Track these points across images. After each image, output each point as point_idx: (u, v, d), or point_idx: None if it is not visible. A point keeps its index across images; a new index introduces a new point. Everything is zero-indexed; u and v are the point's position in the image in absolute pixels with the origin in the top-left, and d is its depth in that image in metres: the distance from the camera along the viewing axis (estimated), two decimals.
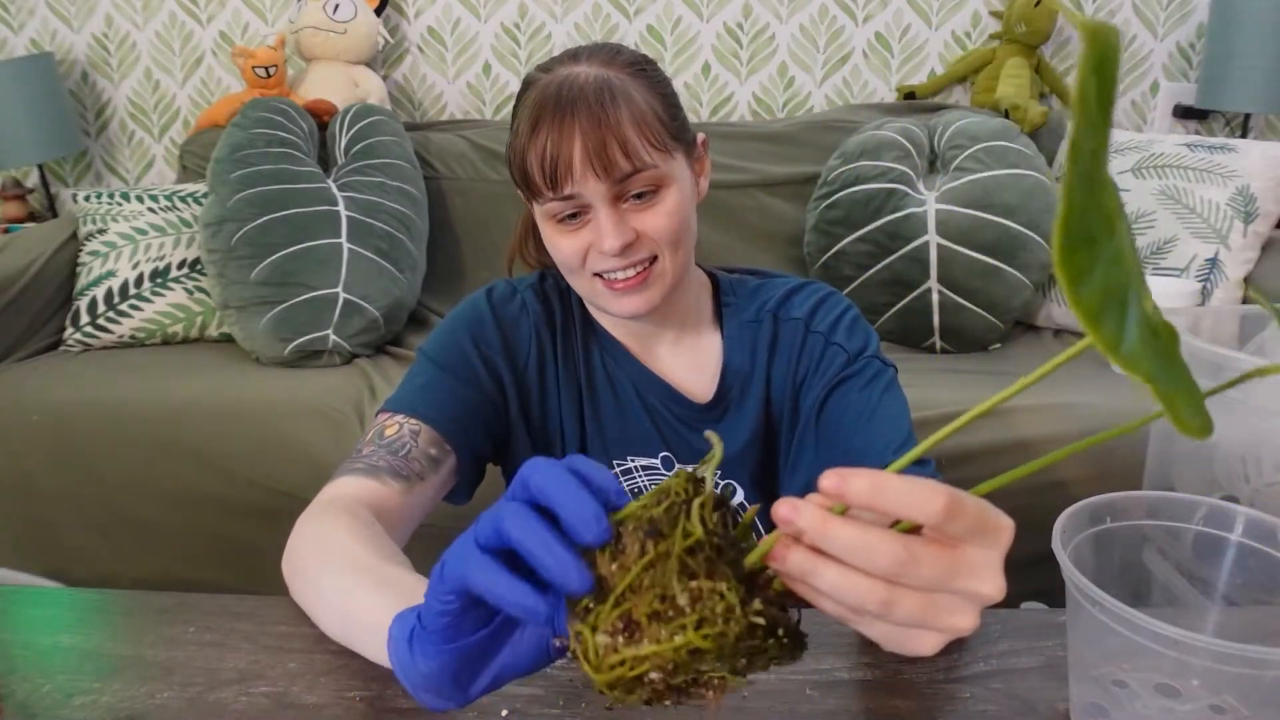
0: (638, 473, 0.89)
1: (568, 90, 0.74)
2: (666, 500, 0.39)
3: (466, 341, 0.85)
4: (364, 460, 0.76)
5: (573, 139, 0.73)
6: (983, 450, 1.50)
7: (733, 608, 0.37)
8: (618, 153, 0.73)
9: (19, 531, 1.73)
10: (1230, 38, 2.11)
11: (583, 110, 0.73)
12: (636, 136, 0.74)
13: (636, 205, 0.77)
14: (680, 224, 0.78)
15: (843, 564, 0.37)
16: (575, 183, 0.74)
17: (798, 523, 0.38)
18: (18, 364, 1.89)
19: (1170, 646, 0.44)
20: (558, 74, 0.76)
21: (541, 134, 0.74)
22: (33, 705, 0.61)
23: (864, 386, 0.81)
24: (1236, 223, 1.86)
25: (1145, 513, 0.57)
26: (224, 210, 1.91)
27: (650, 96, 0.77)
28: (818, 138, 2.19)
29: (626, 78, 0.76)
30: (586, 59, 0.77)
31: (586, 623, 0.38)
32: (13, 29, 2.50)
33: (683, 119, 0.81)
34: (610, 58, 0.78)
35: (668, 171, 0.77)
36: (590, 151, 0.73)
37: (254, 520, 1.62)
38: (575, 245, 0.78)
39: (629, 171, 0.74)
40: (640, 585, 0.37)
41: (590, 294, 0.82)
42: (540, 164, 0.74)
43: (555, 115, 0.74)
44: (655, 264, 0.79)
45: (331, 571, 0.63)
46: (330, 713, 0.60)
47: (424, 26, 2.45)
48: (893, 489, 0.36)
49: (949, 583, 0.38)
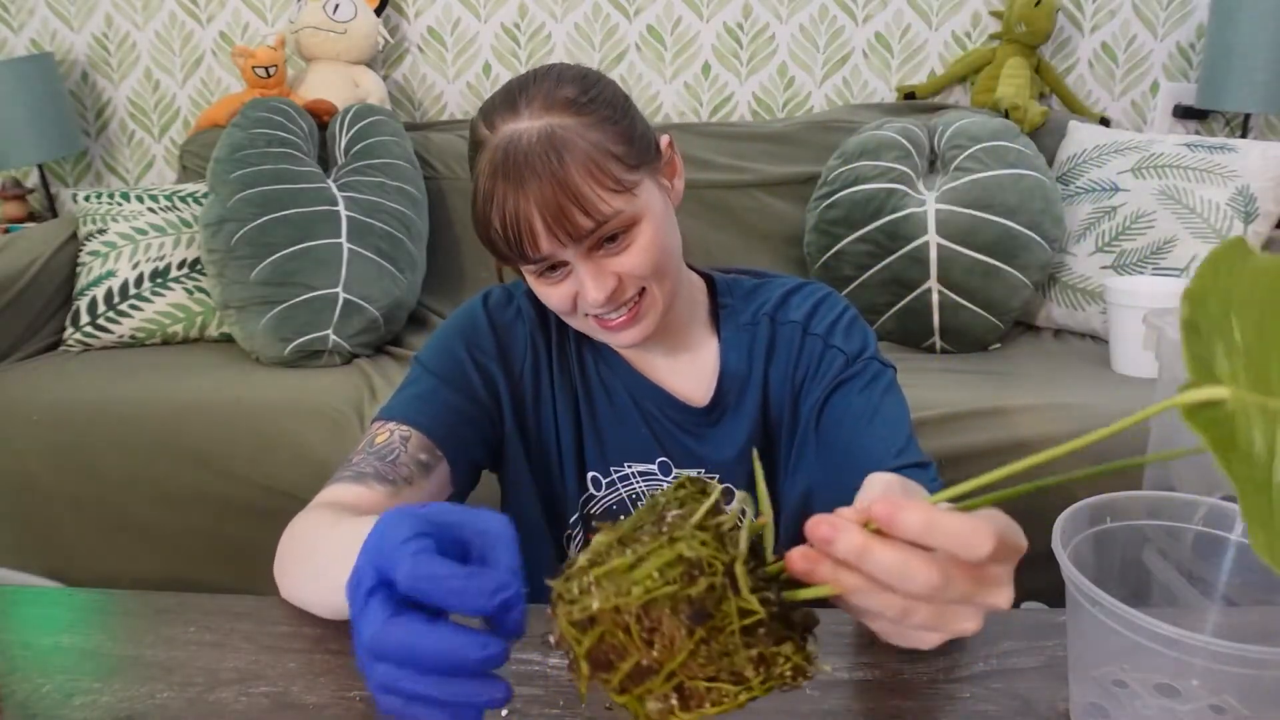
0: (635, 478, 0.89)
1: (514, 156, 0.71)
2: (701, 576, 0.36)
3: (461, 349, 0.85)
4: (352, 468, 0.77)
5: (530, 209, 0.71)
6: (983, 450, 1.50)
7: (802, 667, 0.37)
8: (578, 214, 0.71)
9: (19, 531, 1.73)
10: (1230, 38, 2.11)
11: (531, 177, 0.70)
12: (592, 189, 0.71)
13: (611, 249, 0.75)
14: (659, 254, 0.76)
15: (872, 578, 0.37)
16: (543, 251, 0.73)
17: (839, 545, 0.37)
18: (18, 364, 1.89)
19: (1170, 646, 0.44)
20: (501, 134, 0.72)
21: (498, 205, 0.72)
22: (33, 705, 0.61)
23: (864, 388, 0.80)
24: (1236, 223, 1.86)
25: (1145, 513, 0.57)
26: (224, 210, 1.91)
27: (600, 134, 0.73)
28: (818, 138, 2.19)
29: (570, 119, 0.72)
30: (526, 106, 0.73)
31: (632, 694, 0.37)
32: (13, 29, 2.50)
33: (641, 137, 0.76)
34: (549, 100, 0.73)
35: (634, 210, 0.74)
36: (549, 219, 0.71)
37: (254, 520, 1.62)
38: (562, 294, 0.77)
39: (592, 228, 0.72)
40: (693, 661, 0.36)
41: (587, 331, 0.82)
42: (504, 236, 0.73)
43: (507, 185, 0.71)
44: (645, 295, 0.78)
45: (309, 540, 0.67)
46: (330, 713, 0.60)
47: (424, 26, 2.45)
48: (944, 530, 0.37)
49: (972, 599, 0.39)
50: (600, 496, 0.89)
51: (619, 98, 0.77)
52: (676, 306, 0.84)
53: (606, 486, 0.89)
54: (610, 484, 0.89)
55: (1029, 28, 2.24)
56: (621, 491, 0.89)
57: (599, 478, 0.89)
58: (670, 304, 0.80)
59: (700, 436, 0.87)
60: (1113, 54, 2.37)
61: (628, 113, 0.76)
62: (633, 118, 0.77)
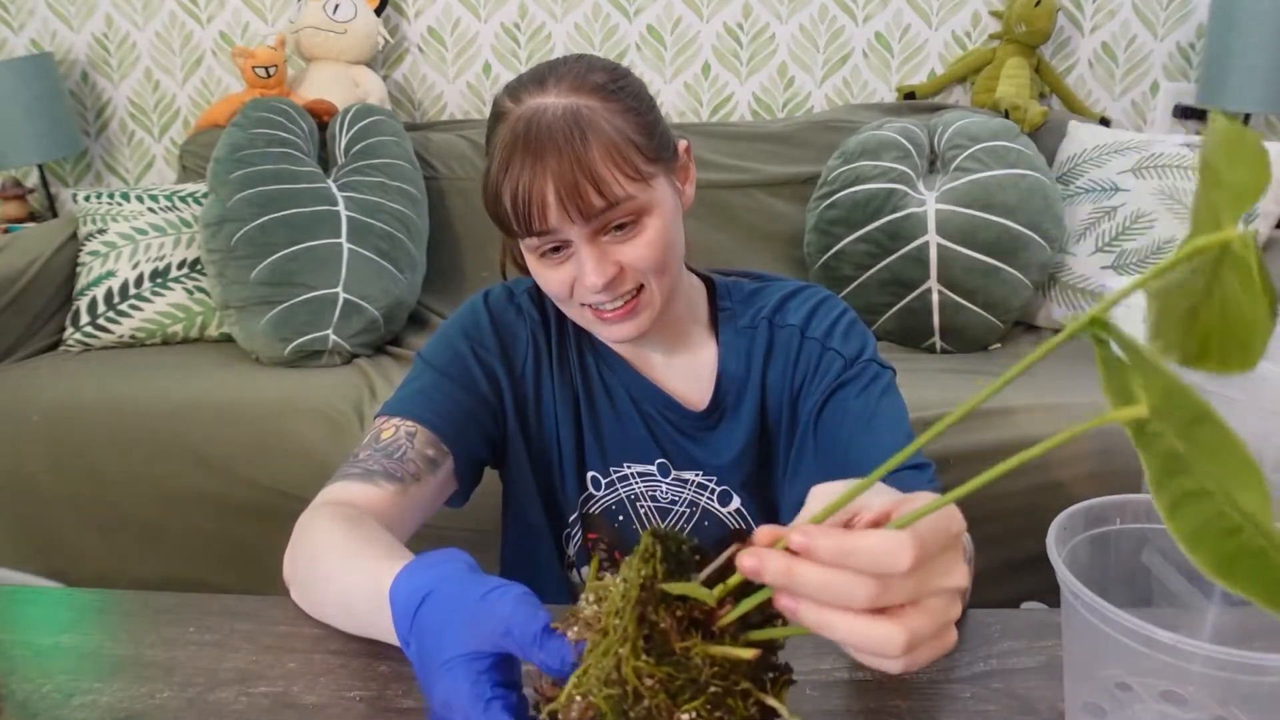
0: (634, 479, 0.89)
1: (536, 128, 0.71)
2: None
3: (464, 345, 0.85)
4: (359, 465, 0.77)
5: (545, 181, 0.70)
6: (983, 450, 1.50)
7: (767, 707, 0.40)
8: (592, 193, 0.71)
9: (19, 531, 1.73)
10: (1230, 38, 2.11)
11: (552, 150, 0.70)
12: (610, 172, 0.71)
13: (618, 237, 0.75)
14: (664, 251, 0.76)
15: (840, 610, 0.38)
16: (551, 225, 0.72)
17: (764, 576, 0.39)
18: (18, 364, 1.89)
19: (1164, 651, 0.44)
20: (526, 106, 0.73)
21: (513, 176, 0.71)
22: (33, 705, 0.61)
23: (861, 391, 0.80)
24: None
25: (1143, 515, 0.57)
26: (224, 210, 1.91)
27: (624, 121, 0.73)
28: (818, 138, 2.18)
29: (597, 104, 0.73)
30: (555, 85, 0.73)
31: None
32: (13, 29, 2.50)
33: (662, 135, 0.77)
34: (579, 81, 0.74)
35: (646, 200, 0.74)
36: (563, 194, 0.70)
37: (254, 520, 1.62)
38: (560, 277, 0.76)
39: (604, 208, 0.72)
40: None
41: (581, 321, 0.82)
42: (514, 207, 0.72)
43: (525, 156, 0.71)
44: (642, 291, 0.78)
45: (327, 562, 0.66)
46: (330, 713, 0.60)
47: (424, 26, 2.45)
48: (859, 551, 0.38)
49: (924, 589, 0.39)
50: (600, 496, 0.90)
51: (646, 93, 0.78)
52: (675, 308, 0.84)
53: (606, 487, 0.89)
54: (609, 484, 0.89)
55: (1029, 28, 2.24)
56: (620, 492, 0.89)
57: (598, 477, 0.89)
58: (667, 304, 0.80)
59: (698, 439, 0.87)
60: (1113, 54, 2.37)
61: (653, 108, 0.78)
62: (656, 114, 0.78)
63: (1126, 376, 0.34)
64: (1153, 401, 0.32)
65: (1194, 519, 0.31)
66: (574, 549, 0.92)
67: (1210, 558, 0.31)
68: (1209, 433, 0.30)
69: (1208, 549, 0.31)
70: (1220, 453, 0.30)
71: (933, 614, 0.39)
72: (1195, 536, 0.32)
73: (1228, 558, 0.31)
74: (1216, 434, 0.30)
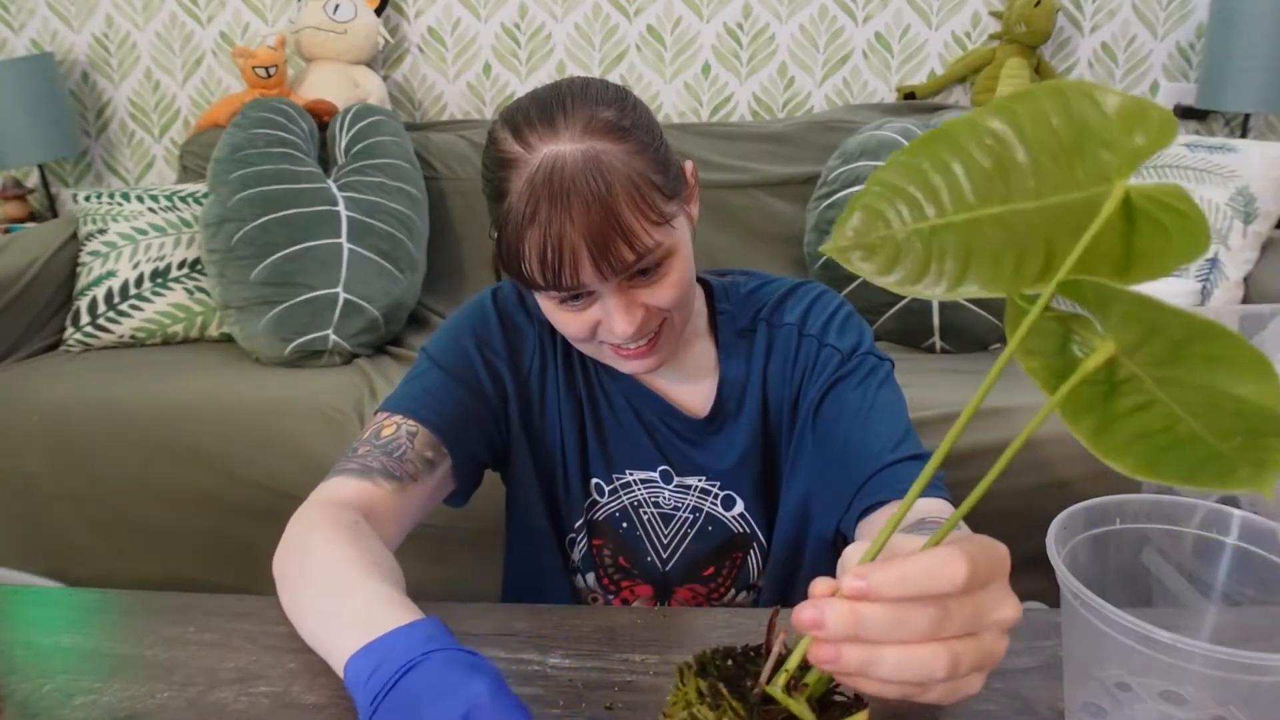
0: (637, 486, 0.88)
1: (559, 180, 0.67)
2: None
3: (470, 344, 0.84)
4: (358, 460, 0.76)
5: (575, 239, 0.68)
6: (983, 450, 1.49)
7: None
8: (624, 248, 0.69)
9: (19, 531, 1.73)
10: (1230, 38, 2.11)
11: (579, 206, 0.67)
12: (638, 220, 0.69)
13: (642, 281, 0.73)
14: (687, 288, 0.76)
15: (893, 643, 0.38)
16: (583, 281, 0.70)
17: (829, 625, 0.39)
18: (18, 364, 1.89)
19: (1163, 651, 0.44)
20: (541, 154, 0.68)
21: (538, 233, 0.68)
22: (33, 705, 0.61)
23: (859, 384, 0.80)
24: (1236, 223, 1.86)
25: (1143, 515, 0.57)
26: (224, 210, 1.91)
27: (641, 162, 0.70)
28: (818, 138, 2.19)
29: (612, 145, 0.69)
30: (566, 128, 0.69)
31: None
32: (13, 29, 2.50)
33: (672, 163, 0.75)
34: (589, 121, 0.69)
35: (671, 243, 0.73)
36: (595, 252, 0.68)
37: (254, 520, 1.62)
38: (582, 323, 0.75)
39: (634, 260, 0.70)
40: None
41: (598, 357, 0.81)
42: (541, 265, 0.69)
43: (551, 212, 0.67)
44: (664, 325, 0.77)
45: (312, 585, 0.65)
46: (330, 713, 0.60)
47: (424, 27, 2.45)
48: (917, 572, 0.38)
49: (981, 621, 0.40)
50: (603, 503, 0.89)
51: (652, 121, 0.75)
52: None
53: (609, 493, 0.89)
54: (613, 491, 0.89)
55: (1029, 28, 2.24)
56: (624, 499, 0.89)
57: (602, 484, 0.89)
58: (684, 331, 0.80)
59: (701, 445, 0.87)
60: (1113, 54, 2.37)
61: (660, 136, 0.75)
62: (663, 140, 0.75)
63: (1068, 335, 0.39)
64: (1126, 339, 0.35)
65: (1126, 431, 0.36)
66: (579, 554, 0.91)
67: (1137, 459, 0.35)
68: (1205, 344, 0.32)
69: (1137, 452, 0.35)
70: (1219, 359, 0.32)
71: (979, 646, 0.40)
72: (1123, 446, 0.36)
73: (1157, 451, 0.35)
74: (1216, 342, 0.32)
